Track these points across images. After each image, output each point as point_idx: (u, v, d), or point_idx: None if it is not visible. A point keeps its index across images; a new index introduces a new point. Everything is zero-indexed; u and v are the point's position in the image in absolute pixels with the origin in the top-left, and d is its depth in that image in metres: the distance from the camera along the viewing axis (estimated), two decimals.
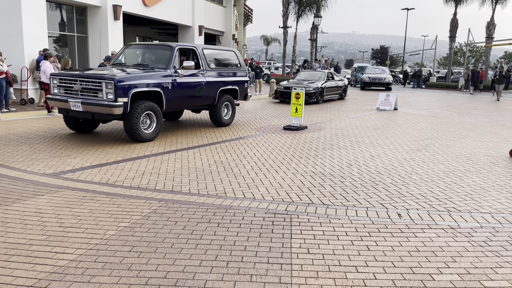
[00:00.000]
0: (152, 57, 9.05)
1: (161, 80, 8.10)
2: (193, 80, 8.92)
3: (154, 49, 9.29)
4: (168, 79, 8.26)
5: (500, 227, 4.20)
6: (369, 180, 5.80)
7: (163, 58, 8.68)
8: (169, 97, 8.33)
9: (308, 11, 32.31)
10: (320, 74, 18.05)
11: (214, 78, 9.59)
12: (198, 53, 9.32)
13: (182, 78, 8.60)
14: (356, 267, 3.27)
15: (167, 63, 8.47)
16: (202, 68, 9.29)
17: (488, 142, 9.05)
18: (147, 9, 19.60)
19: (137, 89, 7.57)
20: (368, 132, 10.00)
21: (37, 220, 4.07)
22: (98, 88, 7.40)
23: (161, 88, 8.09)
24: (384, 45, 77.83)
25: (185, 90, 8.73)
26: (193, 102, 9.22)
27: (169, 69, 8.37)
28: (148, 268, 3.17)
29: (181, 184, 5.41)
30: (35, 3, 13.30)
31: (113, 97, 7.28)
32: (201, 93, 9.20)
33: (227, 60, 10.33)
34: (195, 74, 9.04)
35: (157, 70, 8.27)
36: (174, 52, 8.60)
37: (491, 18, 31.85)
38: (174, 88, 8.39)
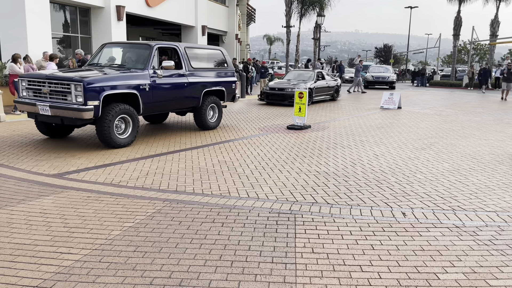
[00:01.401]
0: (130, 57, 8.51)
1: (137, 81, 7.58)
2: (174, 81, 8.41)
3: (132, 48, 8.70)
4: (146, 80, 7.74)
5: (506, 225, 4.18)
6: (373, 179, 5.78)
7: (141, 58, 8.16)
8: (147, 99, 7.80)
9: (311, 10, 32.27)
10: (310, 74, 17.11)
11: (197, 79, 9.05)
12: (180, 52, 8.80)
13: (161, 79, 8.08)
14: (361, 267, 3.27)
15: (145, 63, 7.94)
16: (184, 68, 8.76)
17: (493, 141, 9.01)
18: (150, 9, 19.65)
19: (109, 91, 7.06)
20: (372, 131, 9.97)
21: (42, 220, 4.09)
22: (67, 90, 6.88)
23: (138, 90, 7.56)
24: (388, 44, 77.61)
25: (165, 92, 8.21)
26: (175, 104, 8.67)
27: (147, 69, 7.85)
28: (152, 268, 3.17)
29: (185, 184, 5.42)
30: (39, 5, 13.36)
31: (83, 100, 6.75)
32: (183, 94, 8.67)
33: (212, 60, 9.79)
34: (176, 75, 8.53)
35: (134, 70, 7.76)
36: (153, 51, 8.08)
37: (495, 16, 31.70)
38: (152, 89, 7.86)
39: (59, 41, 15.95)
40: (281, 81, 16.85)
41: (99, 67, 8.22)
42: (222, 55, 10.11)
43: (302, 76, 16.93)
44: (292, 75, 17.52)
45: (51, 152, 7.04)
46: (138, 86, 7.56)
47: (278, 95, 15.25)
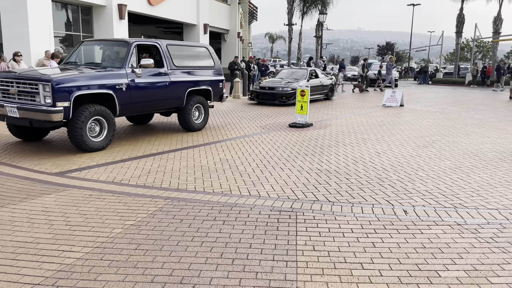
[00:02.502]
0: (108, 55, 8.07)
1: (113, 80, 7.14)
2: (154, 80, 7.96)
3: (110, 45, 8.19)
4: (123, 80, 7.29)
5: (507, 223, 4.17)
6: (375, 177, 5.78)
7: (118, 55, 7.73)
8: (124, 100, 7.35)
9: (313, 8, 32.24)
10: (303, 72, 16.40)
11: (181, 78, 8.58)
12: (162, 49, 8.35)
13: (140, 78, 7.63)
14: (362, 264, 3.27)
15: (122, 62, 7.50)
16: (166, 67, 8.31)
17: (495, 138, 8.98)
18: (152, 8, 19.65)
19: (81, 91, 6.62)
20: (374, 129, 9.96)
21: (44, 218, 4.10)
22: (35, 91, 6.46)
23: (114, 90, 7.11)
24: (390, 42, 77.41)
25: (144, 92, 7.76)
26: (156, 105, 8.21)
27: (124, 68, 7.40)
28: (154, 266, 3.18)
29: (186, 182, 5.43)
30: (41, 3, 13.39)
31: (51, 101, 6.33)
32: (165, 94, 8.22)
33: (198, 58, 9.31)
34: (157, 74, 8.07)
35: (110, 69, 7.32)
36: (131, 48, 7.62)
37: (498, 13, 31.58)
38: (130, 89, 7.41)
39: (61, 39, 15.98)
40: (273, 80, 16.34)
41: (75, 65, 7.85)
42: (208, 52, 9.65)
43: (295, 74, 16.38)
44: (284, 73, 16.93)
45: (53, 151, 7.06)
46: (114, 86, 7.14)
47: (268, 95, 14.72)
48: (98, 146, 6.99)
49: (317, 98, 16.62)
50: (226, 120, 10.96)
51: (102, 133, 7.11)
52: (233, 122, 10.71)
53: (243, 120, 11.11)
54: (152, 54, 8.68)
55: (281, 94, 14.39)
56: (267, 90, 14.74)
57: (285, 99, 14.38)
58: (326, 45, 71.81)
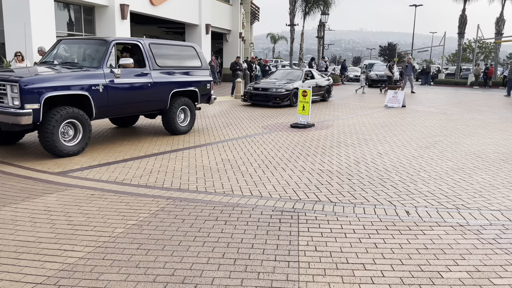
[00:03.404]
0: (85, 54, 7.66)
1: (89, 81, 6.72)
2: (135, 81, 7.54)
3: (88, 44, 7.81)
4: (100, 80, 6.89)
5: (510, 224, 4.16)
6: (377, 178, 5.77)
7: (96, 55, 7.30)
8: (101, 102, 6.93)
9: (315, 8, 32.20)
10: (298, 73, 16.00)
11: (164, 78, 8.17)
12: (144, 49, 7.93)
13: (120, 79, 7.22)
14: (364, 265, 3.26)
15: (99, 61, 7.09)
16: (148, 67, 7.90)
17: (497, 139, 8.96)
18: (154, 8, 19.67)
19: (52, 92, 6.20)
20: (376, 130, 9.94)
21: (46, 218, 4.11)
22: (2, 92, 6.09)
23: (89, 91, 6.70)
24: (392, 42, 77.31)
25: (123, 93, 7.34)
26: (137, 107, 7.82)
27: (101, 68, 7.00)
28: (156, 266, 3.18)
29: (188, 182, 5.43)
30: (43, 3, 13.41)
31: (19, 103, 5.93)
32: (146, 96, 7.81)
33: (183, 58, 8.88)
34: (138, 74, 7.67)
35: (86, 69, 6.92)
36: (110, 47, 7.21)
37: (501, 14, 31.51)
38: (108, 90, 7.00)
39: None
40: (267, 80, 15.91)
41: (50, 65, 7.46)
42: (195, 52, 9.21)
43: (290, 75, 15.98)
44: (279, 74, 16.52)
45: None
46: (89, 87, 6.72)
47: (262, 96, 14.35)
48: (72, 150, 6.57)
49: (313, 99, 16.02)
50: (228, 120, 10.96)
51: (76, 137, 6.68)
52: (235, 122, 10.71)
53: (244, 120, 11.11)
54: (134, 54, 8.24)
55: (275, 96, 14.07)
56: (261, 91, 14.39)
57: (279, 100, 14.06)
58: (328, 45, 71.82)
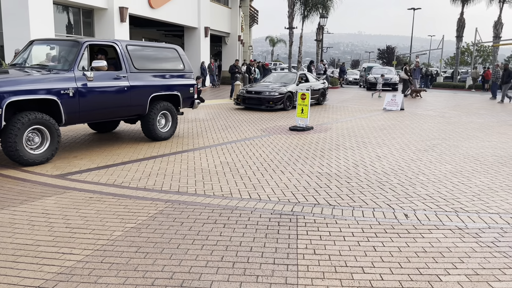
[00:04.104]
0: (57, 56, 7.32)
1: (58, 85, 6.34)
2: (109, 84, 7.18)
3: (60, 46, 7.36)
4: (70, 84, 6.51)
5: (508, 227, 4.16)
6: (376, 181, 5.77)
7: (68, 57, 6.92)
8: (72, 107, 6.55)
9: (314, 12, 32.27)
10: (292, 76, 15.77)
11: (142, 82, 7.78)
12: (120, 50, 7.55)
13: (93, 82, 6.86)
14: (363, 268, 3.26)
15: (71, 63, 6.72)
16: (125, 70, 7.52)
17: (496, 142, 8.98)
18: (153, 11, 19.70)
19: (15, 97, 5.83)
20: (375, 133, 9.96)
21: (44, 221, 4.10)
22: None
23: (58, 95, 6.32)
24: (391, 45, 77.53)
25: (97, 98, 6.95)
26: (112, 112, 7.39)
27: (72, 70, 6.63)
28: (154, 269, 3.17)
29: (187, 185, 5.43)
30: (42, 6, 13.42)
31: None
32: (123, 100, 7.44)
33: (164, 60, 8.51)
34: (113, 77, 7.29)
35: (56, 72, 6.54)
36: (82, 49, 6.83)
37: (499, 17, 31.63)
38: (79, 95, 6.63)
39: None
40: (260, 84, 15.70)
41: (19, 67, 7.07)
42: (177, 54, 8.80)
43: (284, 78, 15.78)
44: (273, 77, 16.36)
45: None
46: (58, 91, 6.34)
47: (255, 99, 14.16)
48: (38, 159, 6.18)
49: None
50: (226, 123, 10.96)
51: (43, 145, 6.30)
52: (234, 125, 10.71)
53: (243, 123, 11.11)
54: (110, 56, 7.96)
55: (268, 99, 13.90)
56: (254, 95, 14.21)
57: (272, 104, 13.89)
58: (326, 48, 71.98)
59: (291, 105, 14.51)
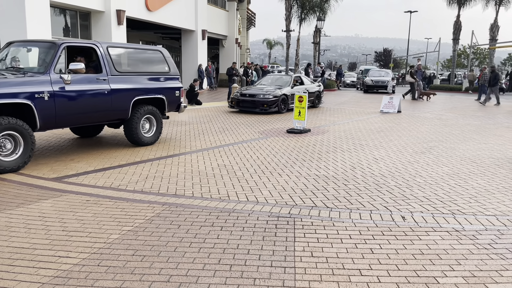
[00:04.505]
0: (33, 58, 7.06)
1: (32, 88, 6.03)
2: (89, 88, 6.88)
3: (37, 47, 7.07)
4: (46, 87, 6.21)
5: (505, 229, 4.17)
6: (373, 183, 5.78)
7: (44, 59, 6.66)
8: (47, 111, 6.23)
9: (311, 14, 32.38)
10: (287, 79, 15.61)
11: (124, 85, 7.48)
12: (100, 52, 7.27)
13: (70, 86, 6.57)
14: (360, 270, 3.26)
15: (46, 66, 6.43)
16: (105, 72, 7.24)
17: (492, 144, 9.01)
18: (151, 13, 19.71)
19: None
20: (372, 135, 9.97)
21: (41, 224, 4.08)
22: None
23: (32, 99, 6.00)
24: (387, 48, 77.85)
25: (75, 102, 6.66)
26: (92, 117, 7.08)
27: (48, 73, 6.33)
28: (151, 272, 3.16)
29: (184, 187, 5.42)
30: (39, 8, 13.40)
31: None
32: (103, 104, 7.14)
33: (148, 62, 8.23)
34: (93, 80, 7.00)
35: (31, 75, 6.27)
36: (59, 51, 6.54)
37: (495, 20, 31.80)
38: (55, 99, 6.33)
39: None
40: (254, 86, 15.54)
41: None
42: (162, 56, 8.50)
43: (279, 81, 15.65)
44: (268, 80, 16.20)
45: (50, 156, 7.04)
46: (32, 95, 6.02)
47: (249, 102, 14.02)
48: (9, 166, 5.89)
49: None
50: (224, 126, 10.96)
51: (16, 151, 6.01)
52: (231, 127, 10.71)
53: (240, 125, 11.11)
54: (90, 58, 7.61)
55: (262, 102, 13.76)
56: (248, 98, 14.07)
57: (266, 107, 13.75)
58: (324, 51, 72.14)
59: (285, 108, 14.45)
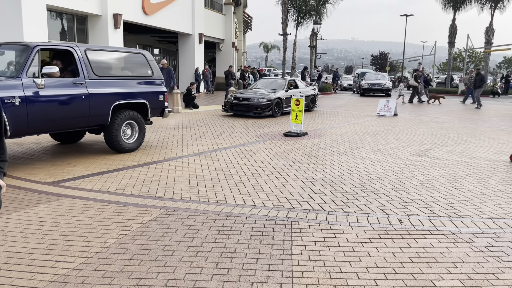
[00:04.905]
0: (6, 61, 6.81)
1: (1, 93, 5.79)
2: (64, 92, 6.61)
3: (10, 50, 6.85)
4: (17, 92, 5.96)
5: (501, 232, 4.19)
6: (370, 186, 5.79)
7: (16, 62, 6.46)
8: (18, 117, 5.98)
9: (307, 18, 32.48)
10: (281, 82, 15.57)
11: (103, 89, 7.21)
12: (77, 56, 6.97)
13: (44, 90, 6.32)
14: (357, 274, 3.26)
15: (18, 70, 6.20)
16: (83, 76, 6.96)
17: (488, 147, 9.05)
18: (147, 17, 19.72)
19: None
20: (368, 138, 10.00)
21: (38, 228, 4.07)
22: None
23: (2, 104, 5.56)
24: (384, 51, 78.17)
25: (49, 107, 6.40)
26: (68, 122, 6.80)
27: (19, 77, 6.09)
28: (148, 276, 3.16)
29: (181, 191, 5.41)
30: (36, 12, 13.39)
31: None
32: (80, 110, 6.86)
33: (130, 66, 7.96)
34: (69, 85, 6.71)
35: (1, 79, 6.05)
36: (32, 54, 6.28)
37: (490, 24, 31.99)
38: (27, 104, 6.07)
39: None
40: (248, 90, 15.51)
41: None
42: (145, 59, 8.23)
43: (273, 84, 15.60)
44: (262, 83, 16.18)
45: (47, 160, 7.02)
46: (2, 100, 5.76)
47: (242, 106, 13.97)
48: None
49: None
50: (221, 129, 10.96)
51: None
52: (228, 131, 10.72)
53: (237, 129, 11.12)
54: (66, 62, 7.28)
55: (256, 106, 13.71)
56: (241, 101, 14.01)
57: (260, 110, 13.68)
58: (320, 54, 72.37)
59: (280, 112, 14.39)
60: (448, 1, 32.75)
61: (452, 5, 32.67)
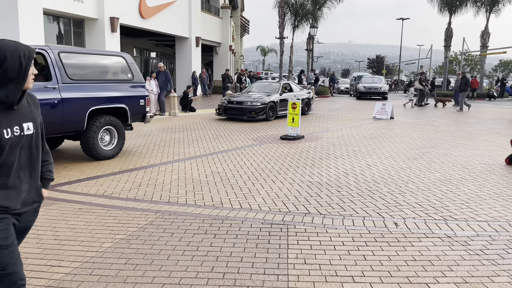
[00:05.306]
0: None
1: None
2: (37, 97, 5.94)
3: None
4: None
5: (497, 235, 4.20)
6: (366, 189, 5.80)
7: None
8: None
9: (304, 22, 32.58)
10: (275, 86, 15.48)
11: (78, 94, 6.93)
12: (50, 59, 6.75)
13: None
14: (353, 277, 3.26)
15: None
16: (56, 80, 6.70)
17: (484, 150, 9.08)
18: (144, 21, 19.74)
19: None
20: (365, 141, 10.02)
21: (33, 233, 4.05)
22: None
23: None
24: (380, 55, 78.46)
25: None
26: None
27: None
28: (144, 281, 3.15)
29: (177, 195, 5.41)
30: (33, 16, 13.38)
31: None
32: (53, 115, 6.58)
33: (108, 69, 7.69)
34: (40, 89, 6.43)
35: None
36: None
37: (486, 27, 32.19)
38: None
39: None
40: (242, 93, 15.48)
41: None
42: (125, 63, 7.92)
43: (267, 88, 15.51)
44: (256, 87, 16.07)
45: None
46: None
47: (236, 109, 13.87)
48: None
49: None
50: (217, 132, 10.96)
51: None
52: (224, 134, 10.72)
53: (234, 132, 11.13)
54: (39, 65, 7.05)
55: (249, 109, 13.60)
56: (235, 105, 13.92)
57: (254, 114, 13.58)
58: (317, 58, 72.53)
59: (274, 115, 14.34)
60: (444, 5, 32.92)
61: (448, 8, 32.85)
